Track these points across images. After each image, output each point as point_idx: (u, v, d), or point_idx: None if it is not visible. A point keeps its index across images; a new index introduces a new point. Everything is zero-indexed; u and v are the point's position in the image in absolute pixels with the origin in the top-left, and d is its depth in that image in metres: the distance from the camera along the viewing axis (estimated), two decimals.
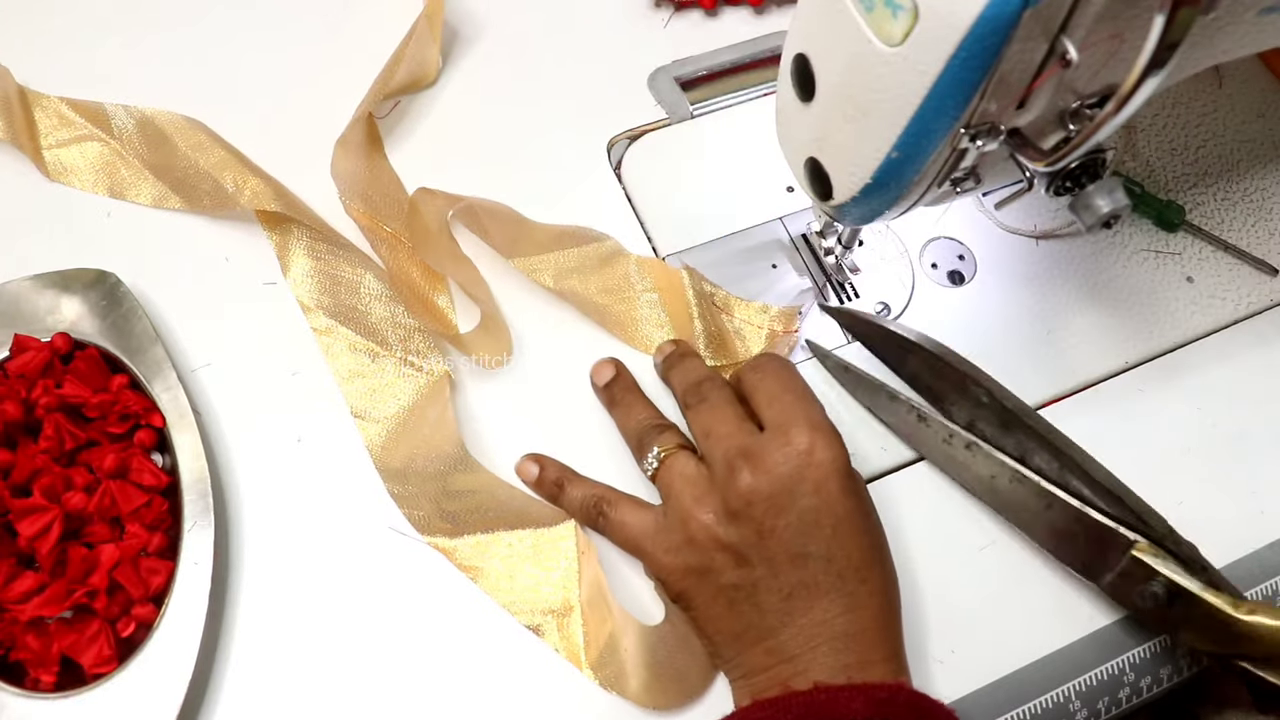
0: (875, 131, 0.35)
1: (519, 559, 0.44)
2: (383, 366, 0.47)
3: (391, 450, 0.46)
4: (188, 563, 0.41)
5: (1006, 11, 0.29)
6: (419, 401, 0.47)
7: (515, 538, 0.44)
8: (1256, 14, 0.36)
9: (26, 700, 0.39)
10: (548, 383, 0.49)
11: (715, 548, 0.40)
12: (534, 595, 0.43)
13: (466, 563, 0.44)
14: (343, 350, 0.48)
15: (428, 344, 0.48)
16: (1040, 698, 0.43)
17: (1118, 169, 0.55)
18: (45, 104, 0.53)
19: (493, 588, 0.44)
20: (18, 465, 0.42)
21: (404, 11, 0.57)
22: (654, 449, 0.43)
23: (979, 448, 0.44)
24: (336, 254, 0.50)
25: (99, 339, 0.45)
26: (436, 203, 0.50)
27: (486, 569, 0.44)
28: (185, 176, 0.52)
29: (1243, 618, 0.38)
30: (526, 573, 0.44)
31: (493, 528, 0.44)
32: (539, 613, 0.43)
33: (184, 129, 0.53)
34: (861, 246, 0.51)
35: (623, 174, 0.54)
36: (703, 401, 0.43)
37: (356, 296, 0.49)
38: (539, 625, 0.43)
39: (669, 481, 0.42)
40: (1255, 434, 0.49)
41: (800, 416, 0.41)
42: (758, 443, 0.40)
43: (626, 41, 0.58)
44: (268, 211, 0.50)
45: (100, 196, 0.51)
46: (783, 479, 0.39)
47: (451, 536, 0.44)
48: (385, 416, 0.46)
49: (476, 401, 0.48)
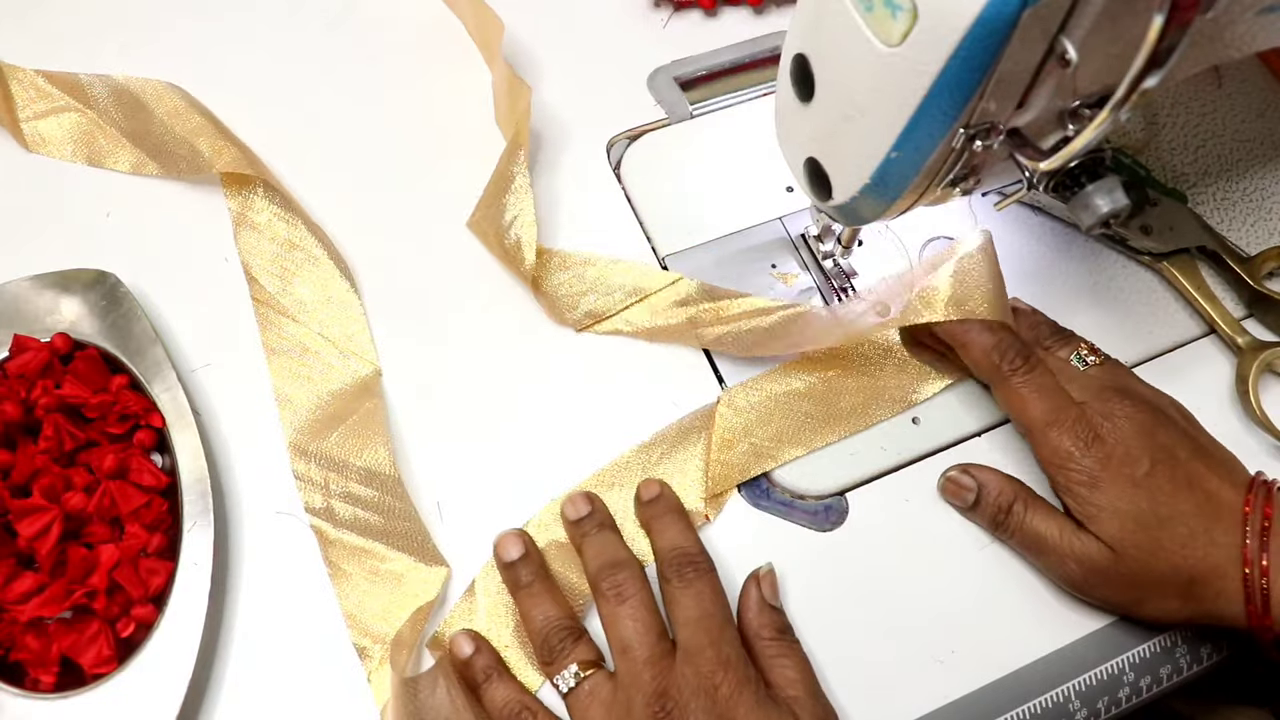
0: (875, 131, 0.35)
1: (381, 578, 0.43)
2: (317, 348, 0.47)
3: (309, 432, 0.45)
4: (187, 563, 0.41)
5: (1006, 12, 0.29)
6: (349, 390, 0.46)
7: (389, 557, 0.43)
8: (1256, 14, 0.36)
9: (26, 700, 0.39)
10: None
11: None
12: (376, 620, 0.42)
13: (333, 558, 0.43)
14: (279, 324, 0.47)
15: (369, 336, 0.48)
16: (1040, 698, 0.43)
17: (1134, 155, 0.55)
18: (20, 77, 0.53)
19: (343, 593, 0.43)
20: (17, 465, 0.42)
21: (403, 6, 0.57)
22: (570, 665, 0.40)
23: None
24: (298, 231, 0.49)
25: (99, 339, 0.45)
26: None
27: (350, 573, 0.43)
28: (162, 143, 0.52)
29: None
30: (381, 594, 0.43)
31: (375, 539, 0.43)
32: (371, 637, 0.42)
33: (160, 94, 0.53)
34: (861, 247, 0.51)
35: (622, 174, 0.54)
36: (621, 601, 0.41)
37: (307, 277, 0.49)
38: (365, 649, 0.42)
39: (585, 711, 0.40)
40: (1255, 433, 0.49)
41: (709, 646, 0.39)
42: (673, 682, 0.39)
43: (626, 41, 0.58)
44: (234, 176, 0.50)
45: (99, 198, 0.51)
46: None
47: (336, 529, 0.43)
48: (309, 399, 0.46)
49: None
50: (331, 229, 0.51)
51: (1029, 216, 0.54)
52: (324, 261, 0.49)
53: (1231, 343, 0.50)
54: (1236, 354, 0.50)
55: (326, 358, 0.47)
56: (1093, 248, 0.53)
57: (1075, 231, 0.53)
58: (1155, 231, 0.52)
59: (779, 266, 0.52)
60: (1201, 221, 0.52)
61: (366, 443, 0.45)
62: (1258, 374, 0.49)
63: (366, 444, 0.45)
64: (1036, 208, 0.54)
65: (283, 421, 0.46)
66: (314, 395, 0.46)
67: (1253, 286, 0.51)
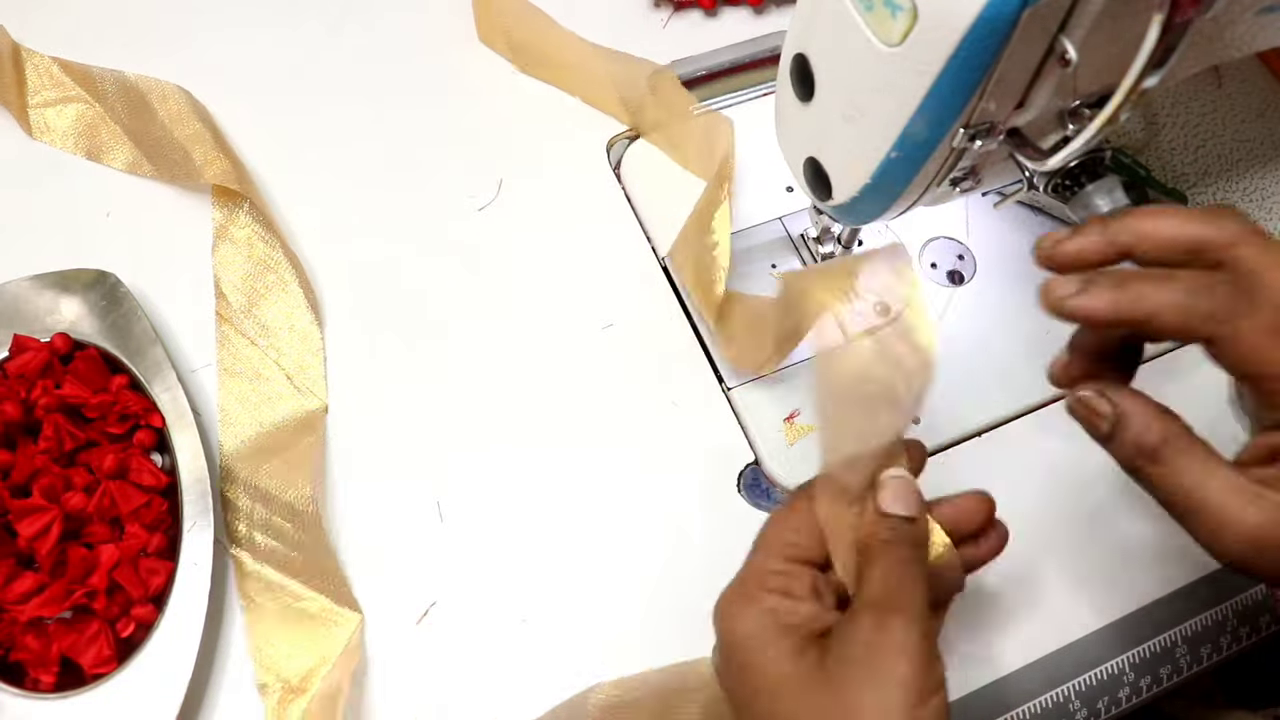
0: (875, 131, 0.35)
1: (293, 617, 0.42)
2: (269, 374, 0.46)
3: (243, 459, 0.45)
4: (187, 563, 0.41)
5: (1006, 12, 0.29)
6: (291, 423, 0.46)
7: (304, 595, 0.42)
8: (1256, 14, 0.36)
9: (26, 700, 0.39)
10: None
11: None
12: (283, 658, 0.41)
13: (248, 590, 0.42)
14: (237, 345, 0.47)
15: (321, 372, 0.47)
16: (1040, 698, 0.43)
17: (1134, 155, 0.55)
18: (37, 62, 0.53)
19: (253, 625, 0.42)
20: (17, 465, 0.42)
21: (405, 5, 0.57)
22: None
23: None
24: (275, 254, 0.49)
25: (99, 339, 0.45)
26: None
27: (262, 605, 0.42)
28: (159, 145, 0.52)
29: None
30: (291, 633, 0.42)
31: (292, 576, 0.42)
32: (275, 675, 0.41)
33: (166, 96, 0.53)
34: (861, 247, 0.51)
35: (622, 174, 0.54)
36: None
37: (274, 301, 0.48)
38: (266, 685, 0.41)
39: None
40: None
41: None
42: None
43: (626, 41, 0.57)
44: (223, 189, 0.50)
45: (99, 198, 0.51)
46: None
47: (254, 559, 0.43)
48: (251, 426, 0.45)
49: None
50: (329, 229, 0.51)
51: (1029, 216, 0.54)
52: (293, 289, 0.48)
53: None
54: None
55: (276, 386, 0.46)
56: None
57: None
58: None
59: (779, 266, 0.52)
60: None
61: (296, 478, 0.44)
62: None
63: (296, 479, 0.44)
64: (1036, 208, 0.54)
65: (222, 442, 0.45)
66: (256, 423, 0.46)
67: None
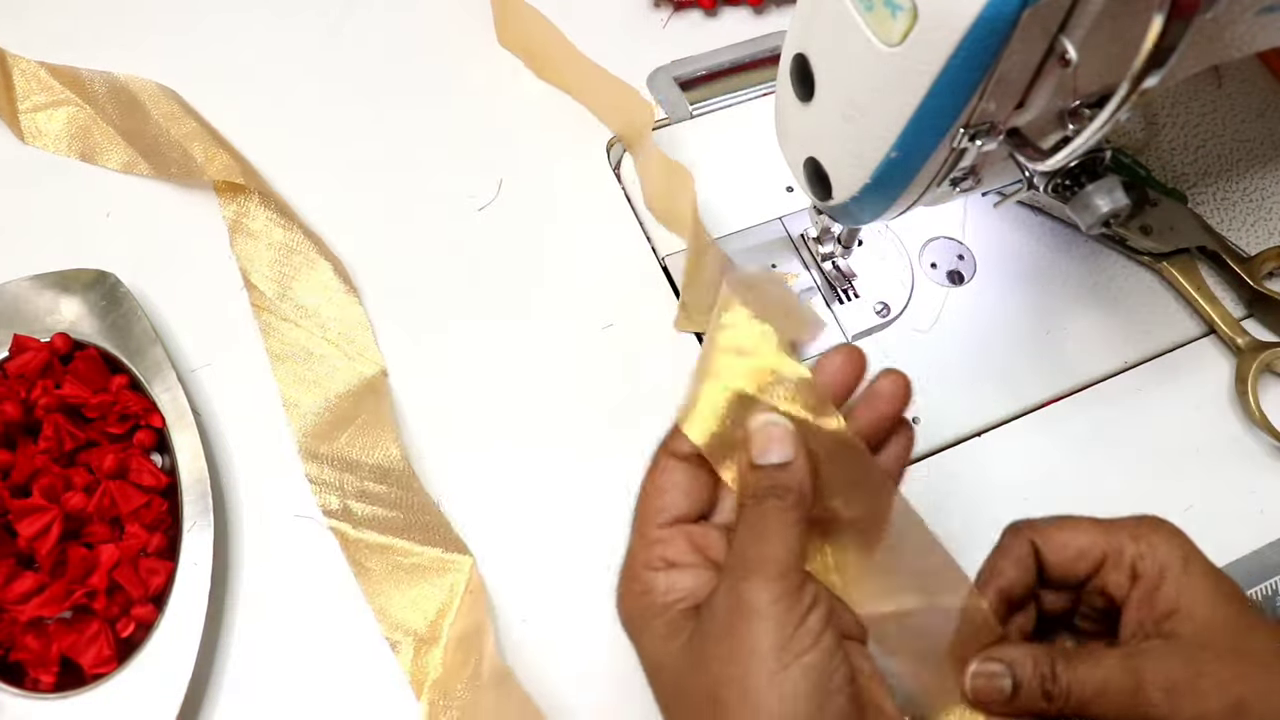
0: (875, 131, 0.35)
1: (406, 572, 0.43)
2: (321, 351, 0.47)
3: (319, 435, 0.45)
4: (187, 563, 0.41)
5: (1006, 12, 0.29)
6: (355, 390, 0.46)
7: (412, 550, 0.43)
8: (1256, 14, 0.36)
9: (26, 700, 0.39)
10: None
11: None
12: (406, 612, 0.42)
13: (357, 557, 0.43)
14: (281, 330, 0.48)
15: (371, 338, 0.48)
16: None
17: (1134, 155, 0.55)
18: (24, 67, 0.53)
19: (372, 590, 0.43)
20: (17, 465, 0.42)
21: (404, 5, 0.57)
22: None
23: None
24: (294, 236, 0.49)
25: (99, 339, 0.45)
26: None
27: (373, 569, 0.43)
28: (155, 144, 0.52)
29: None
30: (408, 588, 0.43)
31: (395, 535, 0.43)
32: (402, 630, 0.42)
33: (158, 97, 0.53)
34: (861, 247, 0.51)
35: (622, 174, 0.54)
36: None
37: (306, 280, 0.49)
38: (398, 642, 0.42)
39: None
40: (1254, 433, 0.49)
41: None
42: None
43: (626, 41, 0.58)
44: (227, 184, 0.50)
45: (99, 198, 0.51)
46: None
47: (355, 528, 0.43)
48: (317, 403, 0.46)
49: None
50: (329, 230, 0.51)
51: (1029, 216, 0.54)
52: (321, 265, 0.49)
53: (1231, 343, 0.50)
54: (1236, 354, 0.50)
55: (331, 360, 0.47)
56: (1093, 248, 0.53)
57: (1075, 231, 0.53)
58: (1155, 231, 0.52)
59: (779, 266, 0.52)
60: (1201, 221, 0.52)
61: (377, 441, 0.45)
62: (1257, 374, 0.49)
63: (377, 442, 0.45)
64: (1036, 208, 0.54)
65: (292, 426, 0.46)
66: (321, 398, 0.46)
67: (1253, 286, 0.51)
